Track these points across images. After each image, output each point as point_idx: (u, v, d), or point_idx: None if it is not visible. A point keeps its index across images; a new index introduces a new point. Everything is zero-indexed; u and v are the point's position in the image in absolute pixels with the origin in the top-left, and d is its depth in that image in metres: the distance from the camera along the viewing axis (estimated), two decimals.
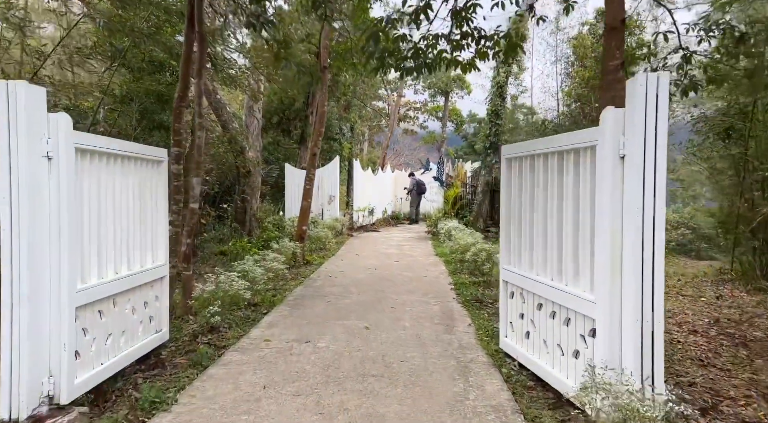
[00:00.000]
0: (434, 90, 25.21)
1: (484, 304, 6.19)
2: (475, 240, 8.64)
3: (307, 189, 9.63)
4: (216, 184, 15.08)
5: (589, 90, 13.58)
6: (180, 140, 5.87)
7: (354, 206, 16.36)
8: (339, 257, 10.59)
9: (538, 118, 16.50)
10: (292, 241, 10.13)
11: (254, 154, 14.17)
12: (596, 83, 13.36)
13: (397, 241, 13.74)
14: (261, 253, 7.84)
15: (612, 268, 2.98)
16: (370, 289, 7.23)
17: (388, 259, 10.35)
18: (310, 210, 9.77)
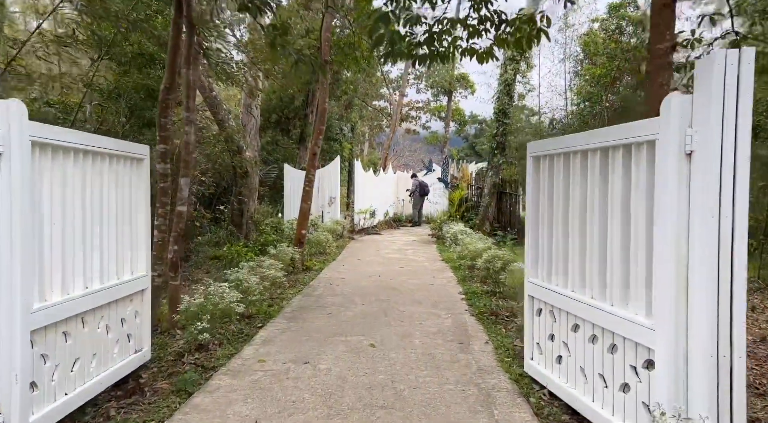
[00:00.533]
0: (437, 89, 24.68)
1: (501, 318, 5.65)
2: (486, 245, 8.11)
3: (307, 191, 9.10)
4: (213, 185, 14.57)
5: (600, 88, 13.06)
6: (166, 136, 5.34)
7: (355, 208, 15.83)
8: (340, 262, 10.06)
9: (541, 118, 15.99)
10: (290, 245, 9.61)
11: (252, 153, 13.65)
12: (607, 81, 12.86)
13: (401, 244, 13.21)
14: (257, 260, 7.31)
15: (677, 287, 2.45)
16: (374, 299, 6.70)
17: (392, 264, 9.81)
18: (309, 213, 9.25)
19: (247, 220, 12.60)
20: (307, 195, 9.11)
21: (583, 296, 3.26)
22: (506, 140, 13.40)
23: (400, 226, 18.97)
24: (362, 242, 13.71)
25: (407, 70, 22.51)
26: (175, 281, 5.36)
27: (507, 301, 6.37)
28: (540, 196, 3.89)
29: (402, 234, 16.26)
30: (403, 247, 12.53)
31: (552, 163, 3.69)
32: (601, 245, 3.10)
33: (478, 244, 8.29)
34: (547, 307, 3.73)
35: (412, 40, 4.33)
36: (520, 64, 13.33)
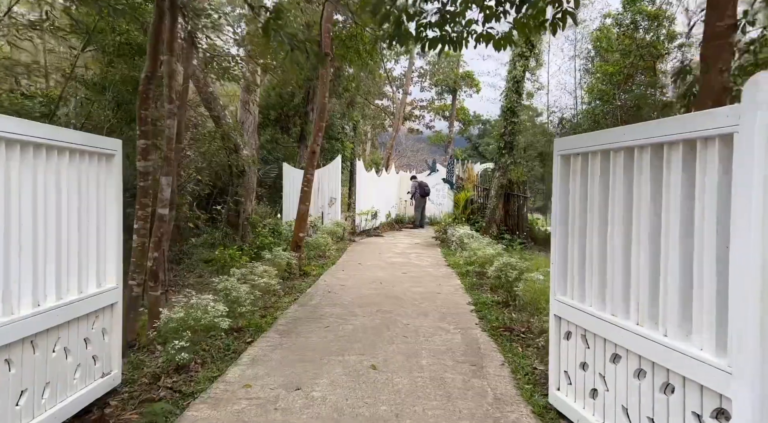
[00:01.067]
0: (441, 87, 24.13)
1: (516, 334, 5.12)
2: (496, 251, 7.58)
3: (305, 191, 8.58)
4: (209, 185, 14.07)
5: (612, 87, 12.52)
6: (147, 131, 4.82)
7: (356, 209, 15.31)
8: (340, 267, 9.53)
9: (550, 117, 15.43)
10: (287, 249, 9.10)
11: (249, 152, 13.14)
12: (620, 79, 12.31)
13: (403, 247, 12.68)
14: (249, 266, 6.77)
15: (763, 317, 1.91)
16: (375, 310, 6.17)
17: (395, 269, 9.28)
18: (308, 215, 8.73)
19: (243, 222, 12.09)
20: (305, 196, 8.59)
21: (626, 322, 2.72)
22: (514, 139, 12.86)
23: (403, 227, 18.44)
24: (364, 245, 13.19)
25: (411, 68, 22.03)
26: (155, 291, 4.84)
27: (521, 313, 5.83)
28: (570, 201, 3.36)
29: (405, 236, 15.73)
30: (407, 251, 12.00)
31: (586, 162, 3.16)
32: (653, 261, 2.57)
33: (488, 249, 7.76)
34: (578, 331, 3.20)
35: (421, 19, 3.80)
36: (530, 61, 12.79)
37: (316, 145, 8.58)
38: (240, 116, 13.85)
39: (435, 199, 19.86)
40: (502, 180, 12.87)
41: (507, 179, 12.98)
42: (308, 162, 8.62)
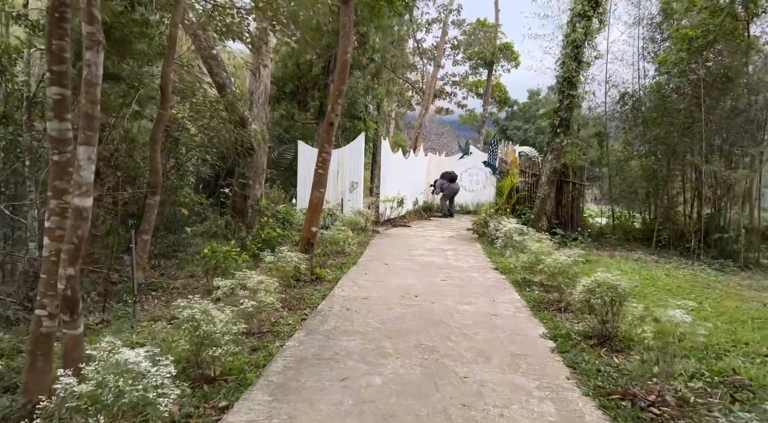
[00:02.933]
0: (476, 61, 21.82)
1: (639, 400, 3.22)
2: (571, 258, 5.63)
3: (320, 174, 6.74)
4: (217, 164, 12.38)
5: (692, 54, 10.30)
6: (63, 73, 3.02)
7: (381, 196, 13.44)
8: (362, 268, 7.71)
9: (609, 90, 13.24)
10: (297, 246, 7.33)
11: (259, 126, 11.37)
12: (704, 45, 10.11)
13: (436, 242, 10.79)
14: (239, 276, 4.97)
15: None
16: (413, 345, 4.33)
17: (430, 273, 7.43)
18: (322, 204, 6.89)
19: (251, 208, 10.35)
20: (320, 180, 6.75)
21: None
22: (571, 116, 10.79)
23: (431, 216, 16.51)
24: (389, 238, 11.34)
25: (444, 38, 19.78)
26: (73, 328, 3.07)
27: (630, 355, 3.93)
28: None
29: (435, 227, 13.81)
30: (441, 246, 10.11)
31: None
32: None
33: (558, 255, 5.81)
34: None
35: None
36: (592, 21, 10.62)
37: (335, 116, 6.70)
38: (249, 85, 12.04)
39: (468, 186, 17.86)
40: (555, 164, 10.83)
41: (561, 164, 10.94)
42: (324, 137, 6.77)
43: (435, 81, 20.61)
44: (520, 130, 45.85)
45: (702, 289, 7.25)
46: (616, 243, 11.94)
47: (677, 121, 10.51)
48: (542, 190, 10.92)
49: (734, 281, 8.21)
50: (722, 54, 10.44)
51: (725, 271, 9.28)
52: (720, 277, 8.64)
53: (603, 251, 10.63)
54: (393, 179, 13.75)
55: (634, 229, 12.93)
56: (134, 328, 5.15)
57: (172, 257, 9.31)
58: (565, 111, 10.70)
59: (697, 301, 6.40)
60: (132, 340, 4.48)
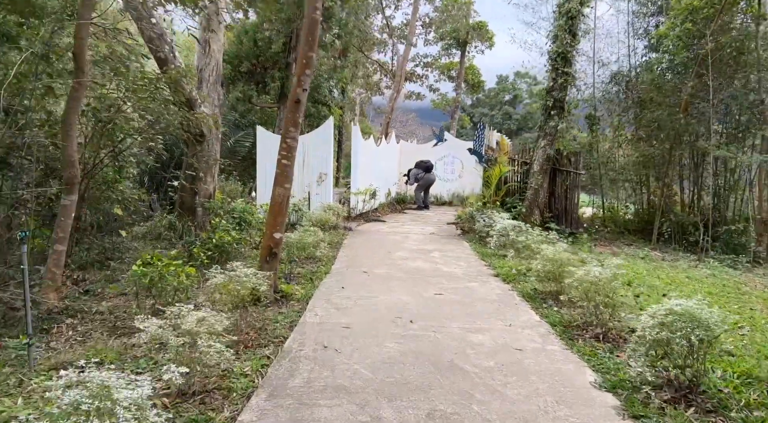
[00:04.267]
0: (449, 41, 20.45)
1: None
2: (611, 271, 4.42)
3: (284, 166, 5.30)
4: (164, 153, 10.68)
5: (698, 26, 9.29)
6: None
7: (352, 187, 12.05)
8: (337, 279, 6.34)
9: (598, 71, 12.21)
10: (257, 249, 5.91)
11: (210, 109, 9.76)
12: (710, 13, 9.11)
13: (417, 239, 9.51)
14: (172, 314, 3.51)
15: None
16: (425, 416, 3.00)
17: (420, 284, 6.13)
18: (287, 203, 5.44)
19: (201, 205, 8.78)
20: (283, 173, 5.31)
21: None
22: (566, 96, 9.64)
23: (405, 208, 15.23)
24: (363, 235, 9.99)
25: (415, 14, 18.34)
26: None
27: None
28: None
29: (412, 221, 12.53)
30: (423, 246, 8.83)
31: None
32: None
33: (591, 268, 4.58)
34: None
35: None
36: None
37: (302, 90, 5.25)
38: (197, 61, 10.35)
39: (443, 175, 16.64)
40: (548, 150, 9.68)
41: (555, 150, 9.79)
42: (289, 117, 5.32)
43: (406, 61, 19.19)
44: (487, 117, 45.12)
45: (737, 296, 6.22)
46: (610, 237, 10.97)
47: (680, 101, 9.51)
48: (534, 180, 9.77)
49: (760, 283, 7.26)
50: (729, 27, 9.47)
51: (738, 268, 8.38)
52: (740, 276, 7.70)
53: (601, 247, 9.61)
54: (365, 169, 12.37)
55: (627, 221, 12.02)
56: (23, 385, 3.67)
57: (104, 266, 7.68)
58: (560, 90, 9.54)
59: (741, 313, 5.36)
60: (8, 415, 3.05)
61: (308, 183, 10.78)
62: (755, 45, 8.85)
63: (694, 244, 9.53)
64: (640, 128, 10.52)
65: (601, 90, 11.91)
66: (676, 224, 9.80)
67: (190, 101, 9.05)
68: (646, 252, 8.92)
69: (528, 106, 46.90)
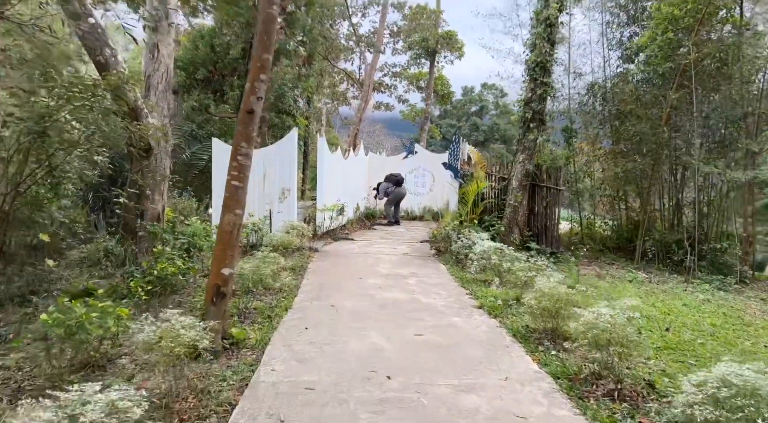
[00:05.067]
0: (417, 50, 19.88)
1: None
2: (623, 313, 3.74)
3: (234, 188, 4.44)
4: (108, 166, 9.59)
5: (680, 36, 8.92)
6: None
7: (318, 203, 11.20)
8: (299, 317, 5.48)
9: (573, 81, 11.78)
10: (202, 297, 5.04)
11: (158, 120, 8.79)
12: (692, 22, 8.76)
13: (390, 262, 8.73)
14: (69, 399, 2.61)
15: None
16: None
17: (397, 322, 5.35)
18: (239, 231, 4.56)
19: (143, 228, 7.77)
20: (233, 196, 4.45)
21: None
22: (545, 108, 9.11)
23: (375, 224, 14.46)
24: (331, 258, 9.14)
25: (384, 21, 17.68)
26: None
27: None
28: None
29: (383, 239, 11.76)
30: (398, 270, 8.06)
31: None
32: None
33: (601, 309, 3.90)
34: None
35: None
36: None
37: (257, 99, 4.42)
38: (144, 67, 9.36)
39: (413, 188, 15.97)
40: (527, 165, 9.10)
41: (534, 165, 9.22)
42: (241, 131, 4.47)
43: (374, 70, 18.50)
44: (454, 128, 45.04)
45: (742, 327, 5.68)
46: (589, 255, 10.47)
47: (662, 114, 9.10)
48: (513, 197, 9.16)
49: (758, 309, 6.78)
50: (710, 38, 9.14)
51: (727, 289, 7.95)
52: (733, 300, 7.22)
53: (583, 267, 9.06)
54: (332, 184, 11.56)
55: (606, 237, 11.57)
56: None
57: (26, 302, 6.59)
58: (538, 102, 9.00)
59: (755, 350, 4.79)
60: None
61: (269, 200, 9.88)
62: (738, 56, 8.52)
63: (678, 264, 9.09)
64: (620, 142, 10.08)
65: (576, 101, 11.47)
66: (659, 243, 9.35)
67: (135, 111, 8.10)
68: (633, 274, 8.39)
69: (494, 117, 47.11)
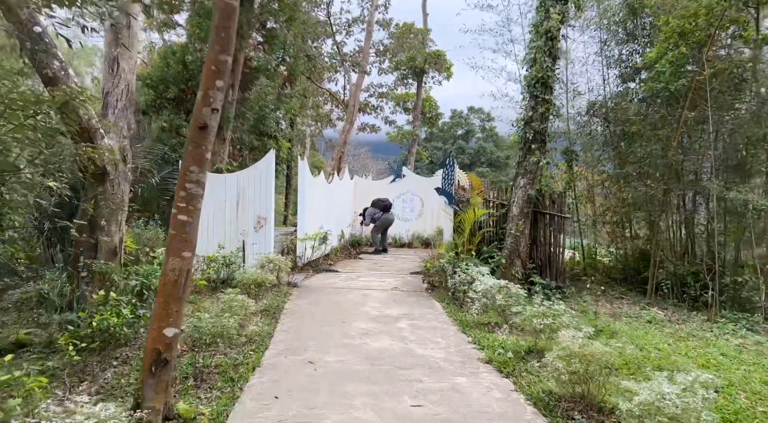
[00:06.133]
0: (404, 70, 19.22)
1: None
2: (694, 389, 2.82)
3: (182, 224, 3.47)
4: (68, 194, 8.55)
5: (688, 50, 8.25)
6: None
7: (299, 231, 10.23)
8: (269, 378, 4.46)
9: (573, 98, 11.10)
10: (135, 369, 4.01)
11: (117, 141, 7.84)
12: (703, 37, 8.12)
13: (378, 299, 7.75)
14: None
15: None
16: None
17: (390, 385, 4.36)
18: (188, 279, 3.56)
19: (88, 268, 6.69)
20: (180, 234, 3.47)
21: None
22: (547, 127, 8.33)
23: (361, 252, 13.49)
24: (312, 295, 8.13)
25: (369, 40, 16.99)
26: None
27: None
28: None
29: (369, 270, 10.78)
30: (387, 310, 7.08)
31: None
32: None
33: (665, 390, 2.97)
34: None
35: None
36: (569, 5, 8.31)
37: (210, 110, 3.50)
38: (103, 84, 8.42)
39: (401, 214, 15.08)
40: (529, 190, 8.27)
41: (536, 190, 8.39)
42: (190, 152, 3.53)
43: (359, 90, 17.74)
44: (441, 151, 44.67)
45: None
46: (594, 287, 9.60)
47: (674, 134, 8.37)
48: (514, 226, 8.29)
49: None
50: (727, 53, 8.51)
51: (755, 330, 7.09)
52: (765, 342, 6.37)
53: (593, 304, 8.18)
54: (314, 209, 10.62)
55: (609, 268, 10.74)
56: None
57: None
58: (540, 121, 8.23)
59: None
60: None
61: (243, 230, 8.88)
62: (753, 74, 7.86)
63: (695, 299, 8.24)
64: (626, 165, 9.31)
65: (576, 122, 10.75)
66: (674, 275, 8.51)
67: (88, 130, 7.12)
68: (649, 312, 7.51)
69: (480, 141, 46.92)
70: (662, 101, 9.16)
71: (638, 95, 10.17)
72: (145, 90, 11.37)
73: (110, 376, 4.59)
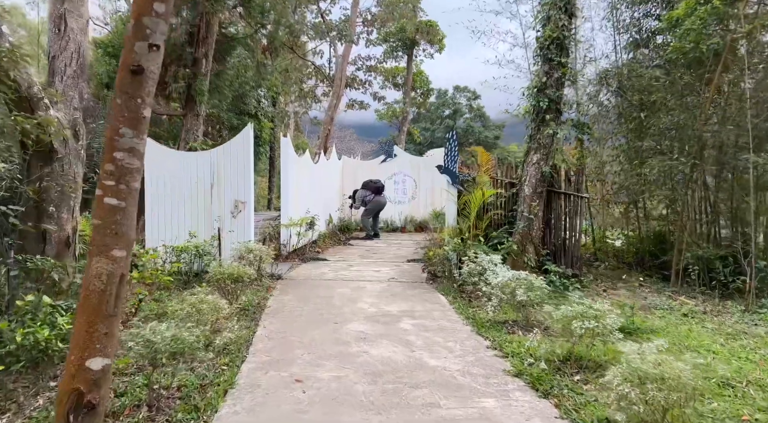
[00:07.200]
0: (394, 42, 18.00)
1: None
2: None
3: (110, 209, 2.44)
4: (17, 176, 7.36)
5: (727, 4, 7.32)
6: None
7: (283, 217, 9.21)
8: (244, 406, 3.48)
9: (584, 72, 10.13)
10: None
11: (67, 113, 6.70)
12: None
13: (374, 293, 6.80)
14: None
15: None
16: None
17: (399, 412, 3.41)
18: (121, 287, 2.54)
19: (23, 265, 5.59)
20: (107, 224, 2.44)
21: None
22: (562, 95, 7.35)
23: (351, 238, 12.51)
24: (298, 289, 7.14)
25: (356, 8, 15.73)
26: None
27: None
28: None
29: (361, 257, 9.82)
30: (385, 306, 6.13)
31: None
32: None
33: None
34: None
35: None
36: None
37: (147, 45, 2.46)
38: (48, 46, 7.22)
39: (393, 196, 14.09)
40: (543, 167, 7.31)
41: (551, 167, 7.44)
42: (120, 105, 2.49)
43: (346, 63, 16.53)
44: (428, 132, 43.58)
45: None
46: (609, 273, 8.78)
47: (704, 102, 7.44)
48: (526, 206, 7.35)
49: None
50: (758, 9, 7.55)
51: None
52: None
53: (611, 293, 7.33)
54: (300, 192, 9.58)
55: (620, 251, 9.91)
56: None
57: None
58: (555, 88, 7.24)
59: None
60: None
61: (218, 215, 7.81)
62: None
63: (725, 285, 7.42)
64: (647, 138, 8.39)
65: (587, 92, 9.77)
66: (701, 259, 7.67)
67: (28, 99, 5.99)
68: (689, 306, 6.64)
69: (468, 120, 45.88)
70: (684, 66, 8.21)
71: (654, 62, 9.23)
72: (107, 59, 10.15)
73: (42, 404, 3.59)
